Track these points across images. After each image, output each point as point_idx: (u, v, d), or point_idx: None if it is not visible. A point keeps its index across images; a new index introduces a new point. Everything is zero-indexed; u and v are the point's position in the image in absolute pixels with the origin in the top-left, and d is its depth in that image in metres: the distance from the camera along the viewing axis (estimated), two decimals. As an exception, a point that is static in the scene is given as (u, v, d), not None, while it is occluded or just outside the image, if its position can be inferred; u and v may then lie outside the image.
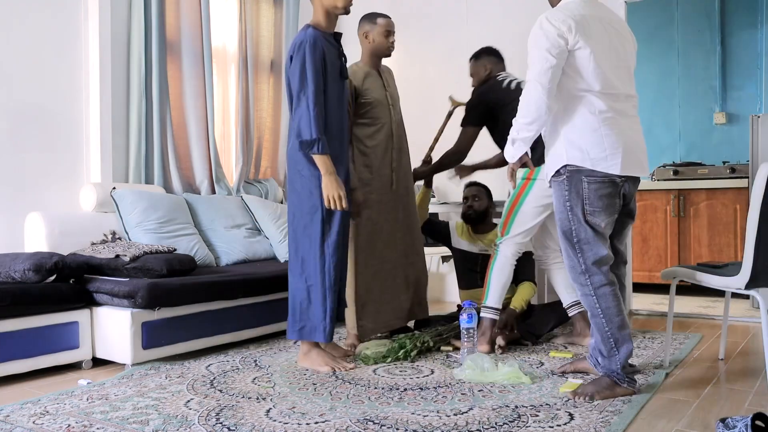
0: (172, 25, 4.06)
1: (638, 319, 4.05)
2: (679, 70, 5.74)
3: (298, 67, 2.68)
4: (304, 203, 2.77)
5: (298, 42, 2.72)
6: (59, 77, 3.62)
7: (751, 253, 2.35)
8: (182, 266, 3.10)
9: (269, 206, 4.27)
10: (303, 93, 2.66)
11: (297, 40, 2.73)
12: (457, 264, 3.64)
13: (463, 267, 3.59)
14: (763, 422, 1.86)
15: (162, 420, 2.15)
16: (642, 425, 2.08)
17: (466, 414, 2.18)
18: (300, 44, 2.70)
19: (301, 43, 2.71)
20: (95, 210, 3.54)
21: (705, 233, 4.93)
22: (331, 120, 2.77)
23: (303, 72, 2.67)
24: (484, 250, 3.47)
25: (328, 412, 2.22)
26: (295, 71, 2.68)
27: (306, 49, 2.68)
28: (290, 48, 2.76)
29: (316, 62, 2.68)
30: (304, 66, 2.67)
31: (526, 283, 3.37)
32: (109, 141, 3.72)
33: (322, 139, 2.65)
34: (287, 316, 2.83)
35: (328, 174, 2.68)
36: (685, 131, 5.72)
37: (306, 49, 2.68)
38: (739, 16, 5.51)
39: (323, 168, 2.68)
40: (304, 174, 2.75)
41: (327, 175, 2.68)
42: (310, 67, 2.66)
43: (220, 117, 4.48)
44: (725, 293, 2.84)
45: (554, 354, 3.00)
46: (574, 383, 2.46)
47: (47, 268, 2.81)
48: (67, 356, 2.88)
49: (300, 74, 2.67)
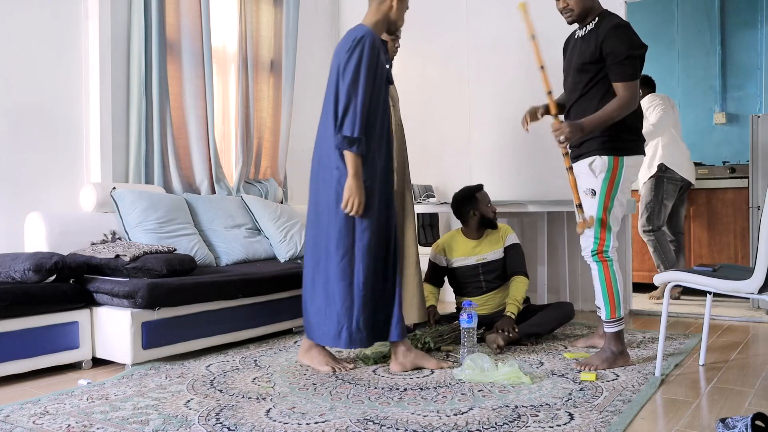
0: (172, 25, 4.06)
1: (638, 319, 4.05)
2: (679, 70, 5.74)
3: (355, 60, 2.61)
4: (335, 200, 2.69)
5: (358, 36, 2.64)
6: (59, 77, 3.61)
7: (764, 257, 2.32)
8: (182, 266, 3.10)
9: (269, 206, 4.27)
10: (354, 89, 2.61)
11: (356, 34, 2.66)
12: (456, 280, 3.52)
13: (465, 278, 3.47)
14: (763, 422, 1.86)
15: (162, 420, 2.15)
16: (642, 425, 2.09)
17: (466, 414, 2.18)
18: (360, 39, 2.63)
19: (362, 38, 2.64)
20: (95, 210, 3.54)
21: (705, 233, 4.93)
22: (373, 124, 2.71)
23: (358, 68, 2.61)
24: (482, 258, 3.44)
25: (328, 412, 2.22)
26: (351, 65, 2.61)
27: (366, 45, 2.62)
28: (347, 40, 2.68)
29: (372, 62, 2.64)
30: (360, 62, 2.61)
31: (518, 278, 3.36)
32: (109, 141, 3.72)
33: (362, 139, 2.62)
34: (288, 315, 2.82)
35: (355, 176, 2.62)
36: (685, 131, 5.70)
37: (366, 46, 2.62)
38: (739, 16, 5.52)
39: (352, 169, 2.62)
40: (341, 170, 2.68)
41: (354, 177, 2.62)
42: (365, 64, 2.62)
43: (220, 117, 4.48)
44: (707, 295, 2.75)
45: (569, 355, 2.98)
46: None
47: (47, 268, 2.81)
48: (67, 356, 2.88)
49: (355, 69, 2.61)
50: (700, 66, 5.65)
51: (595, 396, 2.36)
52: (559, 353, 3.04)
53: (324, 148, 2.76)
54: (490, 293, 3.43)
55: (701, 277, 2.53)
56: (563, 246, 4.34)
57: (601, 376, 2.63)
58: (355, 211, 2.63)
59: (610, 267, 2.78)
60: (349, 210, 2.63)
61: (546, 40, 4.50)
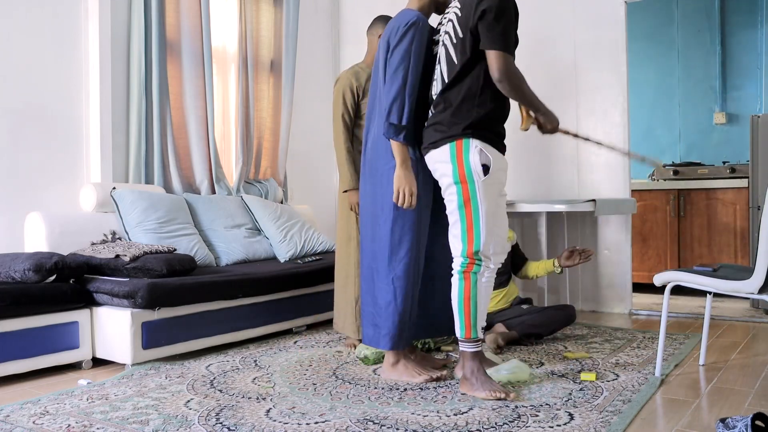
0: (172, 25, 4.06)
1: (638, 319, 4.05)
2: (679, 70, 5.74)
3: (406, 44, 2.49)
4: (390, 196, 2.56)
5: (411, 20, 2.51)
6: (59, 77, 3.61)
7: (764, 257, 2.32)
8: (182, 266, 3.10)
9: (269, 206, 4.27)
10: (401, 75, 2.48)
11: (407, 19, 2.53)
12: None
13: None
14: (763, 422, 1.86)
15: (162, 420, 2.15)
16: (642, 425, 2.09)
17: (466, 414, 2.18)
18: (412, 24, 2.50)
19: (414, 22, 2.51)
20: (95, 210, 3.54)
21: (705, 233, 4.93)
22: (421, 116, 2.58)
23: (408, 53, 2.49)
24: None
25: (328, 412, 2.22)
26: (401, 49, 2.49)
27: (417, 31, 2.50)
28: (397, 24, 2.55)
29: (422, 48, 2.52)
30: (410, 47, 2.49)
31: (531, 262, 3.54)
32: (109, 141, 3.72)
33: (409, 128, 2.50)
34: (288, 315, 2.79)
35: (404, 167, 2.48)
36: (685, 131, 5.73)
37: (417, 31, 2.50)
38: (739, 16, 5.51)
39: (400, 158, 2.49)
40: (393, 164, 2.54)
41: (403, 167, 2.48)
42: (416, 51, 2.50)
43: (220, 117, 4.48)
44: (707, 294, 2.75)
45: (569, 355, 2.98)
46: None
47: (47, 268, 2.81)
48: (67, 356, 2.88)
49: (404, 54, 2.49)
50: (700, 66, 5.64)
51: (595, 396, 2.36)
52: (559, 353, 3.04)
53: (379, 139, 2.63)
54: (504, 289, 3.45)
55: (701, 277, 2.53)
56: (563, 246, 4.34)
57: (601, 376, 2.63)
58: (408, 202, 2.49)
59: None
60: (402, 202, 2.49)
61: (546, 39, 4.51)
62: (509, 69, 2.33)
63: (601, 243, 4.31)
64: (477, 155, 2.36)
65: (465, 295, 2.39)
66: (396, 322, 2.57)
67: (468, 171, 2.36)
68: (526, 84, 2.41)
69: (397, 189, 2.49)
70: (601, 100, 4.26)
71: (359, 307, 3.13)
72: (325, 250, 4.22)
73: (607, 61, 4.23)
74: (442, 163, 2.42)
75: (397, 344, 2.59)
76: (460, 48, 2.40)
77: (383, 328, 2.60)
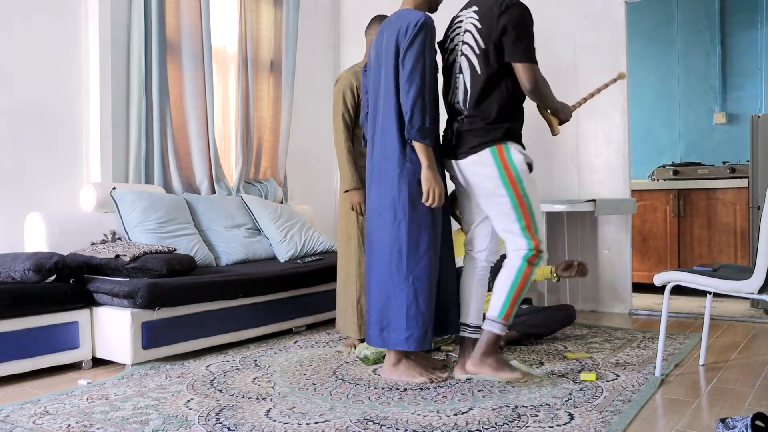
0: (172, 25, 4.06)
1: (638, 319, 4.05)
2: (679, 70, 5.74)
3: (419, 45, 2.49)
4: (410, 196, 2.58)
5: (421, 21, 2.51)
6: (59, 77, 3.61)
7: (764, 257, 2.32)
8: (182, 266, 3.10)
9: (269, 206, 4.27)
10: (418, 76, 2.48)
11: (417, 19, 2.51)
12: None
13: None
14: (763, 422, 1.86)
15: (162, 420, 2.15)
16: (642, 425, 2.09)
17: (466, 414, 2.18)
18: (423, 24, 2.50)
19: (424, 23, 2.51)
20: (95, 210, 3.54)
21: (705, 233, 4.93)
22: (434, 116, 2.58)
23: (422, 54, 2.49)
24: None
25: (328, 412, 2.22)
26: (415, 50, 2.48)
27: (428, 33, 2.51)
28: (405, 24, 2.53)
29: (433, 50, 2.54)
30: (423, 49, 2.49)
31: None
32: (109, 141, 3.72)
33: (433, 130, 2.52)
34: (288, 315, 2.79)
35: (431, 168, 2.51)
36: (685, 131, 5.73)
37: (428, 33, 2.51)
38: (739, 16, 5.52)
39: (426, 160, 2.51)
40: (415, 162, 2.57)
41: (429, 168, 2.51)
42: (429, 53, 2.51)
43: (220, 117, 4.48)
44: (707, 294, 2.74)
45: (569, 355, 2.98)
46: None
47: (47, 268, 2.81)
48: (67, 356, 2.88)
49: (417, 56, 2.48)
50: (700, 66, 5.65)
51: (595, 396, 2.36)
52: (559, 353, 3.04)
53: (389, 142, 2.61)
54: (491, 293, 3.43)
55: (701, 277, 2.53)
56: (563, 246, 4.34)
57: (601, 376, 2.63)
58: (436, 201, 2.52)
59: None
60: (431, 202, 2.52)
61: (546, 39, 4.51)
62: (538, 79, 2.48)
63: (601, 243, 4.31)
64: (520, 155, 2.50)
65: (522, 280, 2.53)
66: (420, 322, 2.57)
67: (515, 171, 2.49)
68: (551, 89, 2.55)
69: (426, 189, 2.53)
70: (601, 100, 4.26)
71: (360, 306, 3.13)
72: (325, 250, 4.22)
73: (607, 61, 4.23)
74: (485, 166, 2.52)
75: (422, 344, 2.58)
76: (484, 59, 2.49)
77: (403, 330, 2.57)
